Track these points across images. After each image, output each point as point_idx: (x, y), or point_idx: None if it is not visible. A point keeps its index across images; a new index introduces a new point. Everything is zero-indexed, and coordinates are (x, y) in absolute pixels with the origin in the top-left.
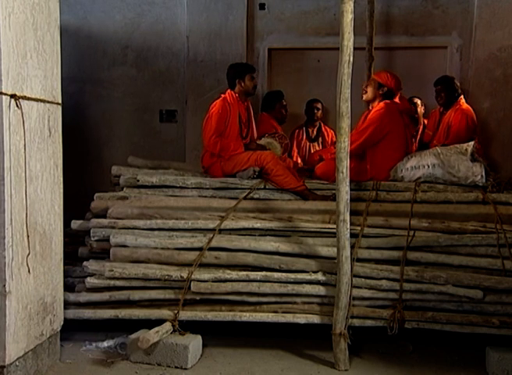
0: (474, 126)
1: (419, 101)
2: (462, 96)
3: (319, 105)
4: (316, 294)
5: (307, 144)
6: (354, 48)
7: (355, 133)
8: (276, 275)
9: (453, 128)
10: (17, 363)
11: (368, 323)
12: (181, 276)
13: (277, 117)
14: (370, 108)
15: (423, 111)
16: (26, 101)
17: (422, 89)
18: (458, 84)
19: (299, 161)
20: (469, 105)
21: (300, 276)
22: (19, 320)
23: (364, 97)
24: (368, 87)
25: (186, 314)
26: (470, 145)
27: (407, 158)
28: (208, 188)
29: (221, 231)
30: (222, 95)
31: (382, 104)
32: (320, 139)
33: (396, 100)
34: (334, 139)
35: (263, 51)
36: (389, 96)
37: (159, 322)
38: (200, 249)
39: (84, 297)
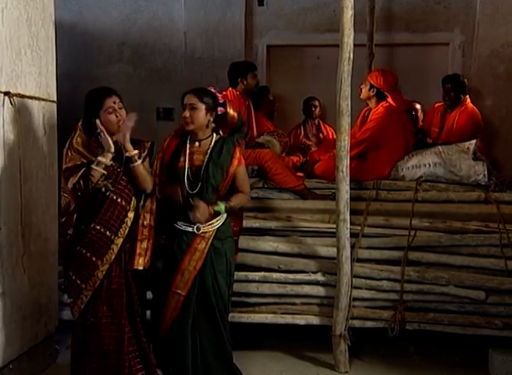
0: (479, 128)
1: (419, 106)
2: (468, 95)
3: (316, 103)
4: (315, 294)
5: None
6: (354, 45)
7: (355, 139)
8: (275, 275)
9: (457, 131)
10: (11, 366)
11: (369, 324)
12: None
13: (267, 114)
14: (368, 104)
15: (422, 117)
16: (20, 99)
17: (424, 86)
18: (466, 83)
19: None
20: (472, 103)
21: (299, 276)
22: (13, 322)
23: (361, 95)
24: (363, 87)
25: None
26: (472, 144)
27: (408, 156)
28: None
29: None
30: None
31: (381, 108)
32: (320, 136)
33: (389, 100)
34: (335, 136)
35: (262, 48)
36: (382, 96)
37: None
38: None
39: None
